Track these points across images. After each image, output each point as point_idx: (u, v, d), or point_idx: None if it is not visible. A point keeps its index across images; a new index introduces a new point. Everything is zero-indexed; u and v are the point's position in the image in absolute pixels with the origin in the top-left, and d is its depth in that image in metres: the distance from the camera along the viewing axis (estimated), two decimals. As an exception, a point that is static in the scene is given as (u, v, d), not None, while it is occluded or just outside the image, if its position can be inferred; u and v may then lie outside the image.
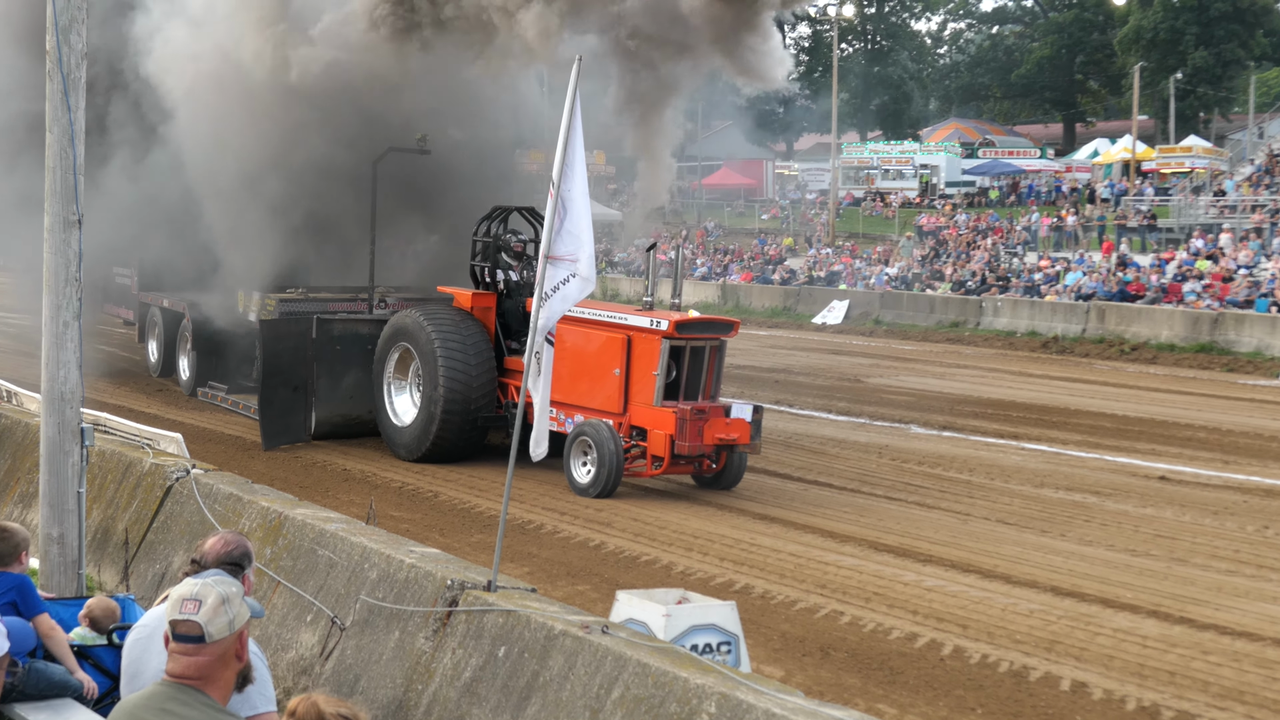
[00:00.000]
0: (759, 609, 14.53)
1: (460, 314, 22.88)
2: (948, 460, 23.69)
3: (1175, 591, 15.55)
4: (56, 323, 10.60)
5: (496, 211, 23.64)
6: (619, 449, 20.01)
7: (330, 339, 24.04)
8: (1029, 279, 49.91)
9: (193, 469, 13.53)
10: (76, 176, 10.53)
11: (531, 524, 18.45)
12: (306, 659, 10.49)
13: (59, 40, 10.45)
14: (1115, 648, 13.44)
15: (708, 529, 18.32)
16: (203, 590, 5.06)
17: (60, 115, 10.46)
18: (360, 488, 20.64)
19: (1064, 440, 25.95)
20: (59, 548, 10.78)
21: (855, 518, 19.18)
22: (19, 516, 14.88)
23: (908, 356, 42.27)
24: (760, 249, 67.34)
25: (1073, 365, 40.14)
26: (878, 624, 14.15)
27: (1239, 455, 24.68)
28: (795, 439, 25.59)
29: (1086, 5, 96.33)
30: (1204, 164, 65.47)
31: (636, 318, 20.76)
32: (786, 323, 54.24)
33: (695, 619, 10.41)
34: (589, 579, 15.79)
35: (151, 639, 6.42)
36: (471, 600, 9.45)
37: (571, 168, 9.99)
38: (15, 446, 16.26)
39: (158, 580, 12.61)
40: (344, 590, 10.53)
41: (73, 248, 10.56)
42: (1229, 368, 38.49)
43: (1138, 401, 31.62)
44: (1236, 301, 42.17)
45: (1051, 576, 16.03)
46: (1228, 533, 18.70)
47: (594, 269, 10.20)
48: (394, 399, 23.30)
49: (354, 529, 11.30)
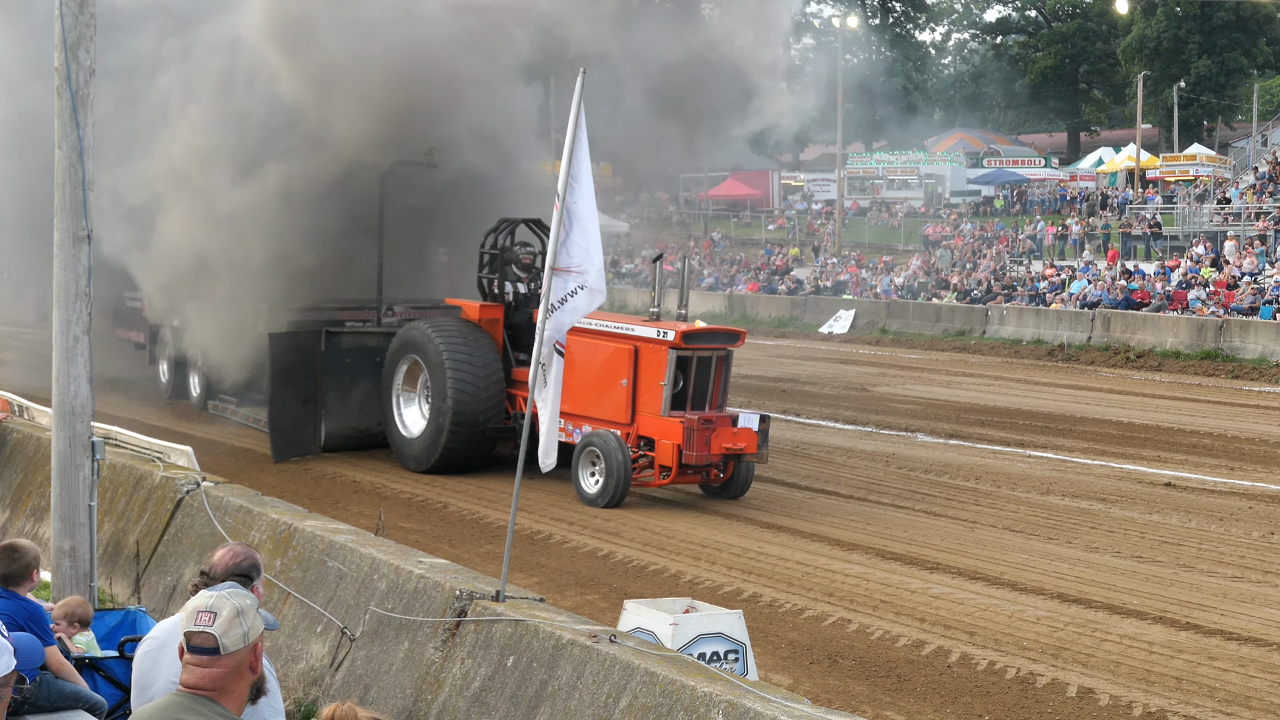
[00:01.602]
0: (766, 617, 14.58)
1: (468, 326, 22.96)
2: (954, 468, 23.72)
3: (1181, 597, 15.58)
4: (67, 337, 10.69)
5: (503, 224, 23.71)
6: (627, 459, 20.07)
7: (339, 351, 24.13)
8: (1034, 287, 49.94)
9: (203, 482, 13.60)
10: (86, 192, 10.62)
11: (540, 534, 18.50)
12: (317, 669, 10.55)
13: (67, 57, 10.54)
14: (1122, 654, 13.48)
15: (715, 538, 18.36)
16: (218, 602, 5.11)
17: (69, 131, 10.55)
18: (369, 499, 20.71)
19: (1070, 448, 25.97)
20: (71, 561, 10.86)
21: (862, 526, 19.22)
22: (31, 530, 14.95)
23: (914, 365, 42.29)
24: (766, 259, 67.37)
25: (1078, 373, 40.15)
26: (885, 631, 14.20)
27: (1244, 462, 24.69)
28: (802, 448, 25.63)
29: (1090, 15, 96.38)
30: (1208, 172, 65.46)
31: (643, 328, 20.82)
32: (793, 332, 54.26)
33: (703, 628, 10.47)
34: (597, 588, 15.84)
35: (162, 651, 6.47)
36: (480, 610, 9.51)
37: (577, 179, 10.04)
38: (27, 460, 16.35)
39: (169, 592, 12.67)
40: (353, 601, 10.59)
41: (82, 263, 10.65)
42: (1234, 374, 38.49)
43: (1143, 409, 31.64)
44: (1241, 308, 42.18)
45: (1058, 583, 16.07)
46: (1233, 539, 18.73)
47: (604, 280, 10.23)
48: (403, 411, 23.37)
49: (363, 540, 11.37)
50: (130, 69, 27.45)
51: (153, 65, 27.41)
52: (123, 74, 27.02)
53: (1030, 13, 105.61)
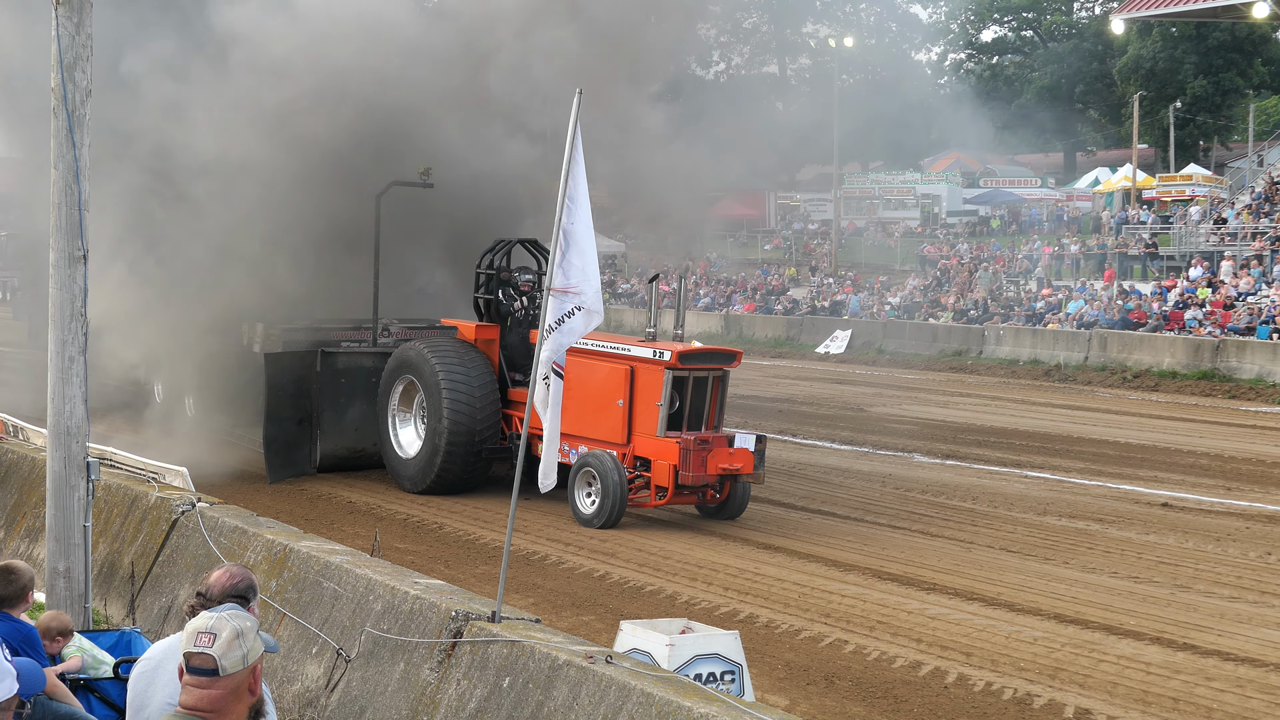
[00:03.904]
0: (763, 638, 14.56)
1: (464, 346, 22.96)
2: (951, 489, 23.71)
3: (1178, 618, 15.57)
4: (62, 358, 10.67)
5: (499, 244, 23.72)
6: (623, 480, 20.05)
7: (334, 372, 24.14)
8: (1031, 307, 49.98)
9: (198, 502, 13.58)
10: (82, 213, 10.62)
11: (536, 555, 18.48)
12: (312, 691, 10.53)
13: (64, 77, 10.55)
14: (1119, 675, 13.47)
15: (711, 559, 18.35)
16: (218, 623, 5.10)
17: (65, 152, 10.55)
18: (365, 520, 20.68)
19: (1067, 468, 25.97)
20: (65, 582, 10.83)
21: (859, 546, 19.21)
22: (25, 551, 14.93)
23: (910, 385, 42.30)
24: (763, 279, 67.42)
25: (1075, 393, 40.17)
26: (882, 652, 14.18)
27: (1241, 482, 24.70)
28: (799, 468, 25.62)
29: (1085, 35, 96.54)
30: (1204, 192, 65.57)
31: (639, 348, 20.82)
32: (789, 352, 54.28)
33: (699, 648, 10.45)
34: (593, 609, 15.82)
35: (157, 672, 6.45)
36: (476, 631, 9.49)
37: (574, 200, 10.04)
38: (21, 481, 16.32)
39: (164, 613, 12.65)
40: (349, 622, 10.57)
41: (78, 283, 10.64)
42: (1231, 394, 38.52)
43: (1140, 429, 31.65)
44: (1238, 329, 42.22)
45: (1055, 604, 16.06)
46: (1230, 559, 18.73)
47: (601, 301, 10.22)
48: (399, 431, 23.36)
49: (359, 561, 11.35)
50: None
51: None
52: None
53: (1026, 33, 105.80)
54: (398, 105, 25.77)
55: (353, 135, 25.51)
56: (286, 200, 25.38)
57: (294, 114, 25.20)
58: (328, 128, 25.30)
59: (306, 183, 25.41)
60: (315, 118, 25.22)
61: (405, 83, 25.94)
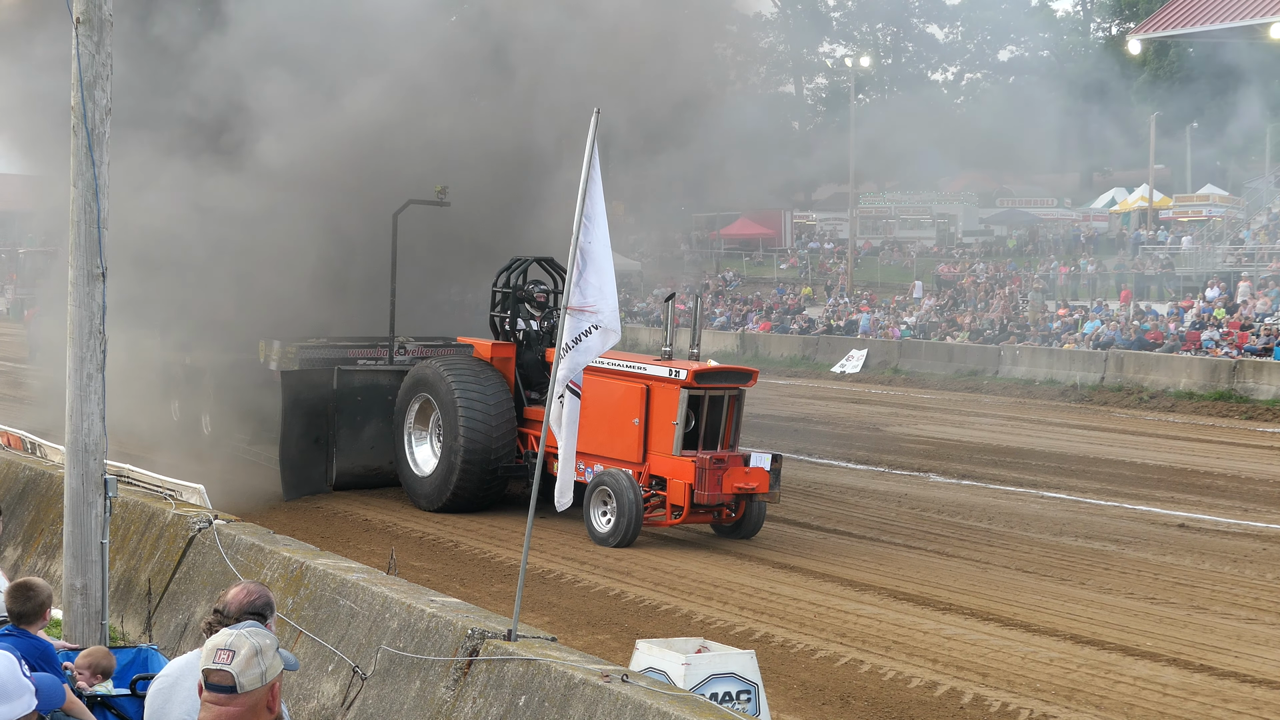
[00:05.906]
0: (779, 658, 14.54)
1: (480, 364, 22.98)
2: (967, 509, 23.68)
3: (1195, 639, 15.52)
4: (80, 375, 10.70)
5: (516, 262, 23.75)
6: (638, 498, 20.05)
7: (351, 390, 24.18)
8: (1047, 327, 49.91)
9: (215, 520, 13.60)
10: (101, 231, 10.65)
11: (552, 573, 18.48)
12: (328, 709, 10.53)
13: (84, 96, 10.59)
14: (1135, 696, 13.43)
15: (727, 578, 18.33)
16: (237, 641, 5.11)
17: (85, 169, 10.58)
18: (381, 538, 20.70)
19: (1083, 489, 25.92)
20: (82, 599, 10.85)
21: (874, 566, 19.18)
22: (42, 567, 14.96)
23: (926, 405, 42.25)
24: (779, 298, 67.38)
25: (1091, 413, 40.08)
26: (897, 672, 14.15)
27: (1258, 503, 24.63)
28: (814, 488, 25.60)
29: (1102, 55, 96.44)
30: (1221, 212, 65.46)
31: (655, 367, 20.82)
32: (805, 372, 54.24)
33: (715, 668, 10.44)
34: (609, 628, 15.82)
35: (174, 689, 6.47)
36: (492, 649, 9.49)
37: (591, 219, 10.05)
38: (39, 498, 16.35)
39: (180, 630, 12.67)
40: (365, 640, 10.58)
41: (97, 300, 10.67)
42: (1248, 415, 38.39)
43: (1156, 450, 31.57)
44: (1255, 349, 42.11)
45: (1071, 624, 16.02)
46: (1247, 580, 18.67)
47: (618, 320, 10.21)
48: (414, 449, 23.37)
49: (375, 579, 11.35)
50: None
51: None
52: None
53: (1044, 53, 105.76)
54: (416, 129, 25.88)
55: (370, 155, 25.63)
56: (305, 218, 25.48)
57: (314, 146, 25.37)
58: (348, 149, 25.43)
59: (325, 201, 25.52)
60: (334, 143, 25.37)
61: (422, 106, 26.03)
